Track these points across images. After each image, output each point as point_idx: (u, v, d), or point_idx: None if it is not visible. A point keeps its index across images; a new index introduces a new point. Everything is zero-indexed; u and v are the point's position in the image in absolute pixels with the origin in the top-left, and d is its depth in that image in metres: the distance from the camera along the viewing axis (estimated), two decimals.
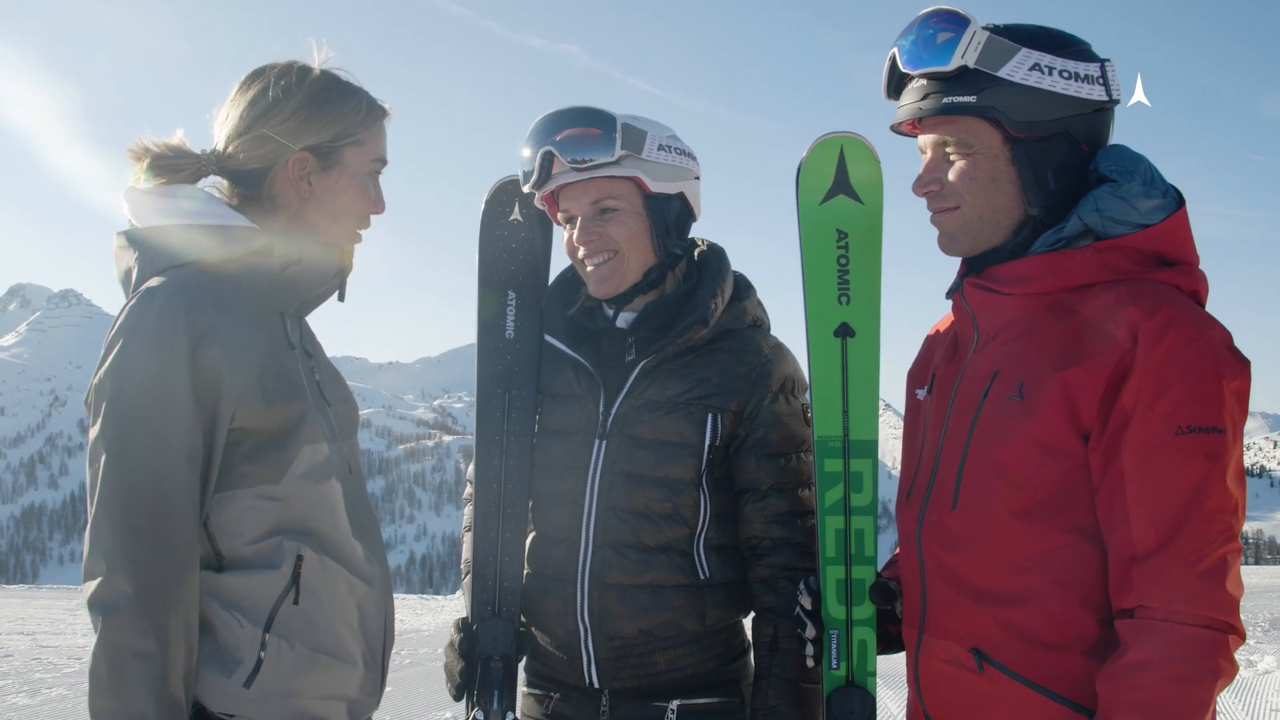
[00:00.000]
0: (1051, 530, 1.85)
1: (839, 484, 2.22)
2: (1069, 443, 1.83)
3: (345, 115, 2.07)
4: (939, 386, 2.11)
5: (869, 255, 2.27)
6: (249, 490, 1.93)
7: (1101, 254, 1.89)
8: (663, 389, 2.42)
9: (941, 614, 2.00)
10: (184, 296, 1.88)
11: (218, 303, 1.91)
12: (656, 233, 2.44)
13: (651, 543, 2.38)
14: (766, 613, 2.41)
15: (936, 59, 1.93)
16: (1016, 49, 1.90)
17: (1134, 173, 1.91)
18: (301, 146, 2.04)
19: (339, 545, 2.04)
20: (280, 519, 1.95)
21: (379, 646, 2.14)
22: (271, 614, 1.92)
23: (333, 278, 2.15)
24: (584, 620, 2.40)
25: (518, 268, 2.61)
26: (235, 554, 1.93)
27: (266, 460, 1.94)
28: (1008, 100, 1.90)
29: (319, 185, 2.07)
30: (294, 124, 2.03)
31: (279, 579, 1.94)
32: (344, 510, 2.07)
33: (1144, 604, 1.72)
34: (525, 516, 2.53)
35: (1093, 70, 1.92)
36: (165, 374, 1.82)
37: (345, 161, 2.09)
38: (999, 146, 1.95)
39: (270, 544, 1.94)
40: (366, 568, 2.10)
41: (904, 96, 2.03)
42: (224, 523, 1.92)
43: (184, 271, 1.94)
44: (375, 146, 2.14)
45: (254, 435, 1.93)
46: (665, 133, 2.43)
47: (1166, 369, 1.74)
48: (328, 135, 2.05)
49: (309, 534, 1.99)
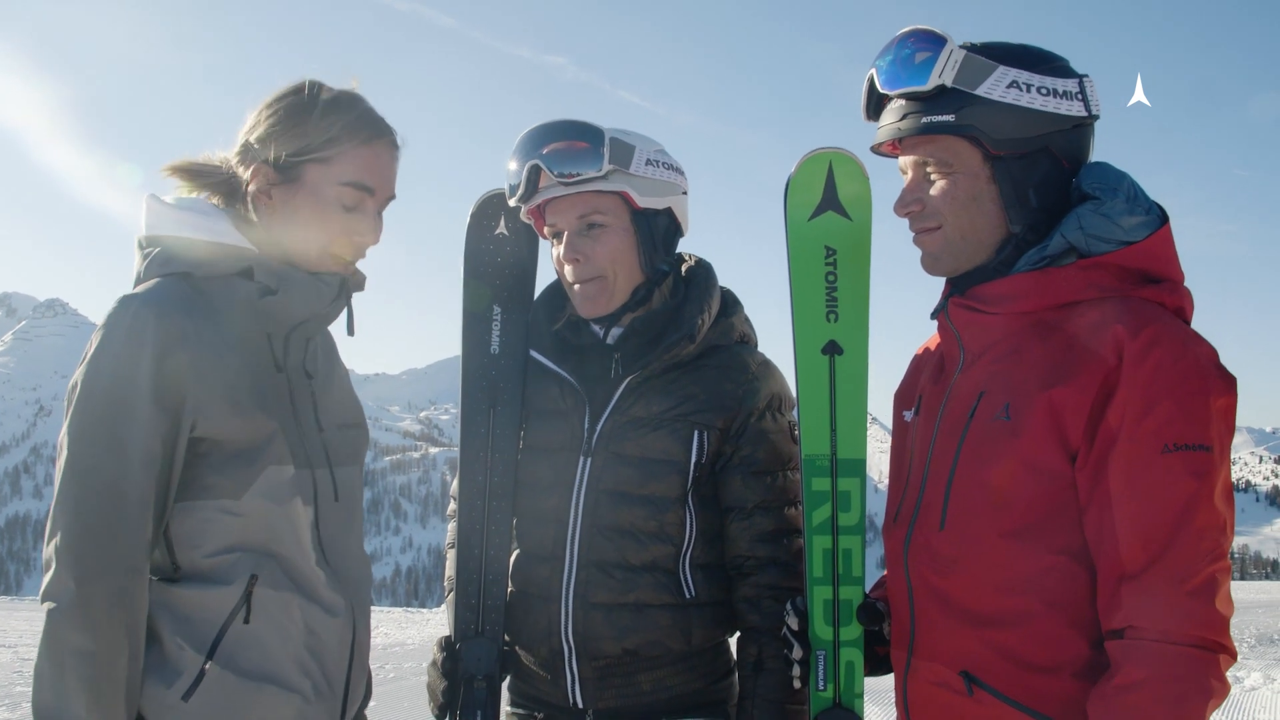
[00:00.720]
0: (1040, 551, 1.83)
1: (826, 503, 2.19)
2: (1057, 463, 1.82)
3: (313, 131, 2.00)
4: (925, 407, 2.09)
5: (857, 272, 2.25)
6: (210, 502, 1.92)
7: (1085, 272, 1.88)
8: (648, 405, 2.40)
9: (930, 636, 1.98)
10: (160, 302, 1.88)
11: (194, 312, 1.90)
12: (644, 249, 2.42)
13: (636, 561, 2.36)
14: (751, 632, 2.39)
15: (914, 79, 1.92)
16: (994, 67, 1.89)
17: (1116, 190, 1.90)
18: (264, 158, 2.01)
19: (299, 570, 2.01)
20: (240, 536, 1.94)
21: (340, 677, 2.08)
22: (220, 630, 1.91)
23: (322, 309, 2.10)
24: (568, 639, 2.37)
25: (503, 282, 2.59)
26: (192, 565, 1.92)
27: (230, 474, 1.92)
28: (986, 118, 1.89)
29: (279, 199, 2.03)
30: (262, 132, 2.01)
31: (230, 596, 1.92)
32: (310, 536, 2.03)
33: (1134, 624, 1.71)
34: (509, 534, 2.50)
35: (1071, 86, 1.91)
36: (129, 376, 1.82)
37: (305, 179, 2.02)
38: (979, 165, 1.94)
39: (227, 559, 1.92)
40: (328, 595, 2.05)
41: (883, 117, 2.02)
42: (184, 532, 1.92)
43: (169, 280, 1.94)
44: (346, 169, 2.02)
45: (220, 447, 1.91)
46: (653, 147, 2.41)
47: (1153, 386, 1.73)
48: (289, 149, 2.00)
49: (268, 555, 1.97)
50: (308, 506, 2.03)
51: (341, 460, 2.14)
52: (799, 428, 2.24)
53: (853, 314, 2.24)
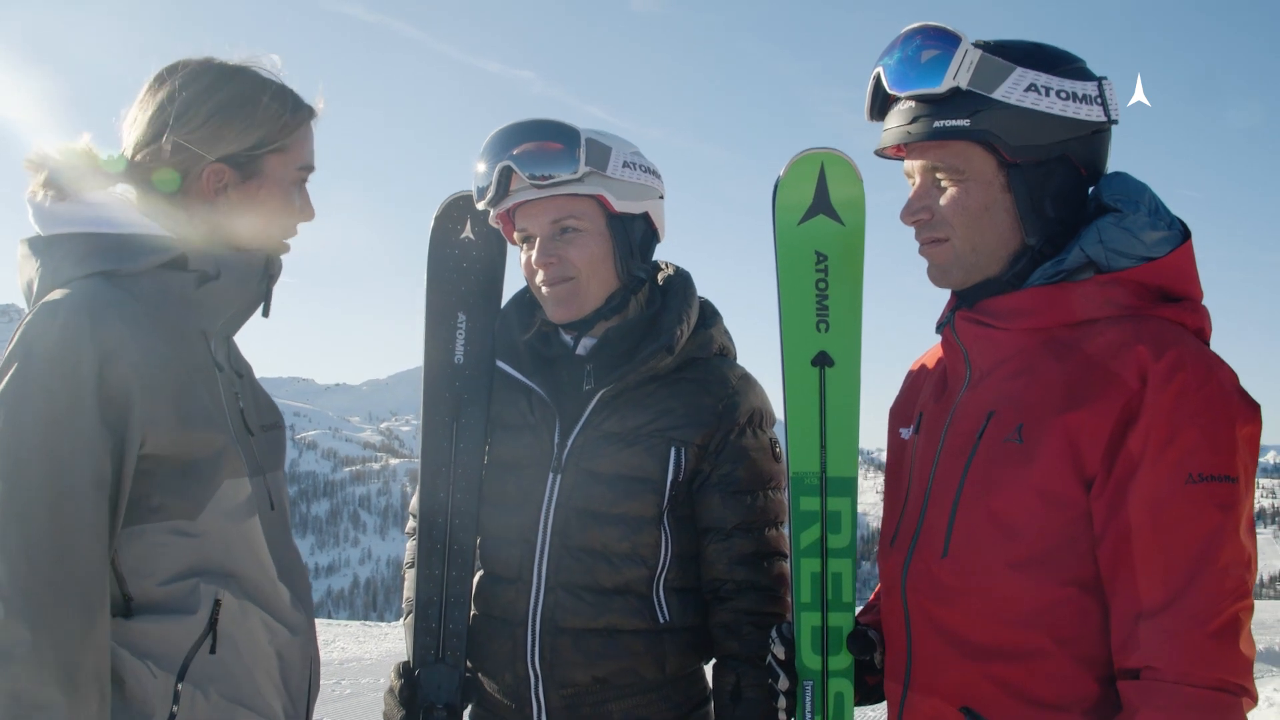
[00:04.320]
0: (1050, 583, 1.72)
1: (815, 524, 2.08)
2: (1071, 491, 1.71)
3: (266, 120, 1.88)
4: (927, 425, 1.97)
5: (849, 279, 2.14)
6: (161, 525, 1.75)
7: (1103, 288, 1.77)
8: (623, 420, 2.29)
9: (929, 669, 1.86)
10: (90, 309, 1.68)
11: (128, 317, 1.72)
12: (620, 255, 2.30)
13: (608, 584, 2.24)
14: (729, 660, 2.28)
15: (926, 80, 1.80)
16: (1011, 68, 1.77)
17: (1138, 202, 1.80)
18: (217, 156, 1.85)
19: (263, 589, 1.87)
20: (197, 558, 1.78)
21: (302, 698, 1.97)
22: (186, 662, 1.75)
23: (257, 292, 1.96)
24: (534, 666, 2.24)
25: (468, 288, 2.46)
26: (146, 596, 1.75)
27: (181, 492, 1.76)
28: (1003, 123, 1.77)
29: (238, 197, 1.89)
30: (208, 131, 1.84)
31: (194, 625, 1.76)
32: (268, 551, 1.89)
33: (1152, 665, 1.60)
34: (473, 554, 2.37)
35: (1090, 90, 1.80)
36: (68, 395, 1.63)
37: (266, 171, 1.91)
38: (993, 172, 1.82)
39: (185, 586, 1.76)
40: (291, 614, 1.93)
41: (890, 119, 1.90)
42: (134, 561, 1.74)
43: (91, 283, 1.74)
44: (300, 152, 1.96)
45: (168, 464, 1.74)
46: (630, 149, 2.30)
47: (1177, 413, 1.63)
48: (247, 143, 1.87)
49: (229, 576, 1.82)
50: (261, 521, 1.90)
51: (271, 465, 2.01)
52: (786, 444, 2.12)
53: (844, 324, 2.13)
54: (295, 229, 2.02)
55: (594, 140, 2.23)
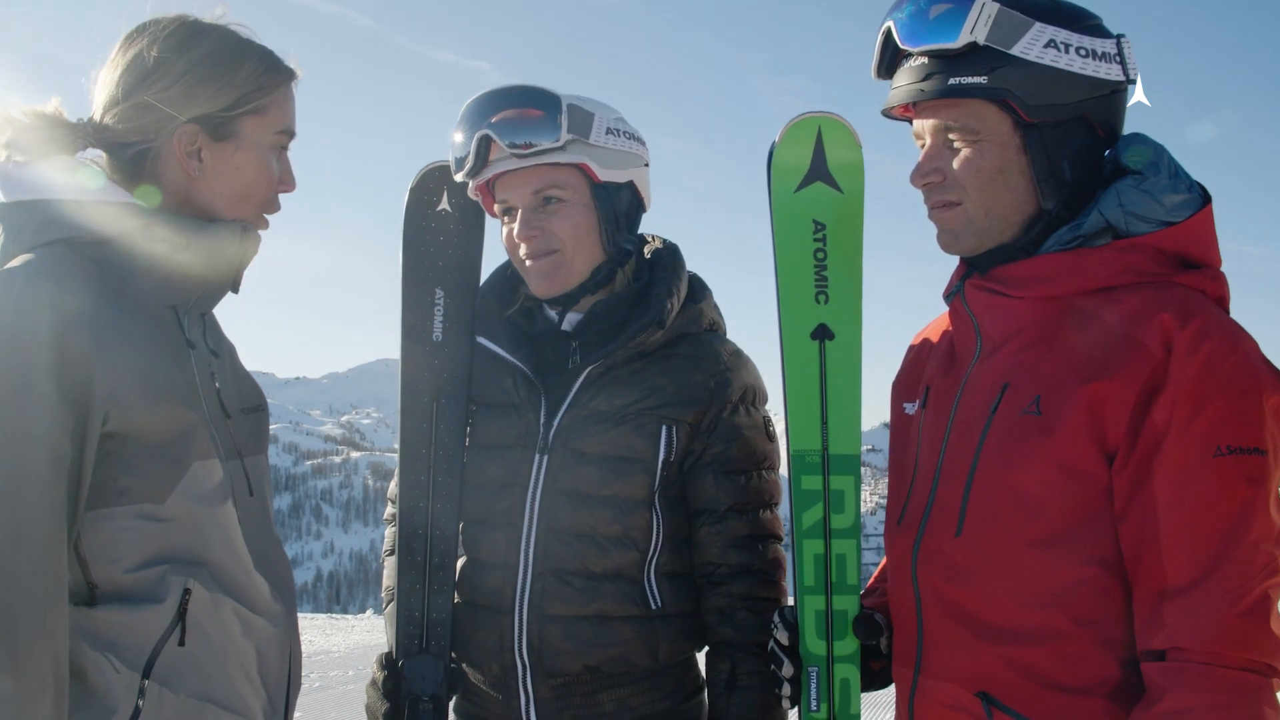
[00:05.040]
0: (1071, 562, 1.65)
1: (818, 504, 1.99)
2: (1093, 465, 1.63)
3: (242, 79, 1.77)
4: (935, 400, 1.89)
5: (849, 249, 2.05)
6: (127, 508, 1.63)
7: (1123, 254, 1.70)
8: (611, 398, 2.19)
9: (942, 653, 1.78)
10: (51, 276, 1.57)
11: (92, 285, 1.61)
12: (605, 226, 2.20)
13: (598, 569, 2.15)
14: (723, 646, 2.20)
15: (942, 34, 1.71)
16: (1030, 23, 1.69)
17: (1158, 165, 1.72)
18: (189, 117, 1.74)
19: (237, 579, 1.75)
20: (165, 544, 1.66)
21: (280, 694, 1.86)
22: (152, 656, 1.63)
23: (232, 267, 1.85)
24: (522, 655, 2.15)
25: (446, 263, 2.34)
26: (111, 584, 1.63)
27: (149, 473, 1.64)
28: (1022, 81, 1.69)
29: (212, 162, 1.78)
30: (180, 90, 1.73)
31: (161, 615, 1.64)
32: (242, 538, 1.78)
33: (1179, 645, 1.53)
34: (455, 540, 2.26)
35: (1109, 47, 1.73)
36: (24, 365, 1.51)
37: (243, 134, 1.79)
38: (1009, 133, 1.74)
39: (152, 574, 1.65)
40: (271, 605, 1.82)
41: (899, 76, 1.81)
42: (98, 546, 1.62)
43: (53, 250, 1.62)
44: (280, 115, 1.84)
45: (134, 442, 1.62)
46: (613, 115, 2.20)
47: (1203, 383, 1.56)
48: (221, 103, 1.75)
49: (200, 564, 1.70)
50: (237, 507, 1.78)
51: (251, 449, 1.89)
52: (786, 420, 2.03)
53: (844, 295, 2.04)
54: (276, 201, 1.90)
55: (576, 106, 2.13)
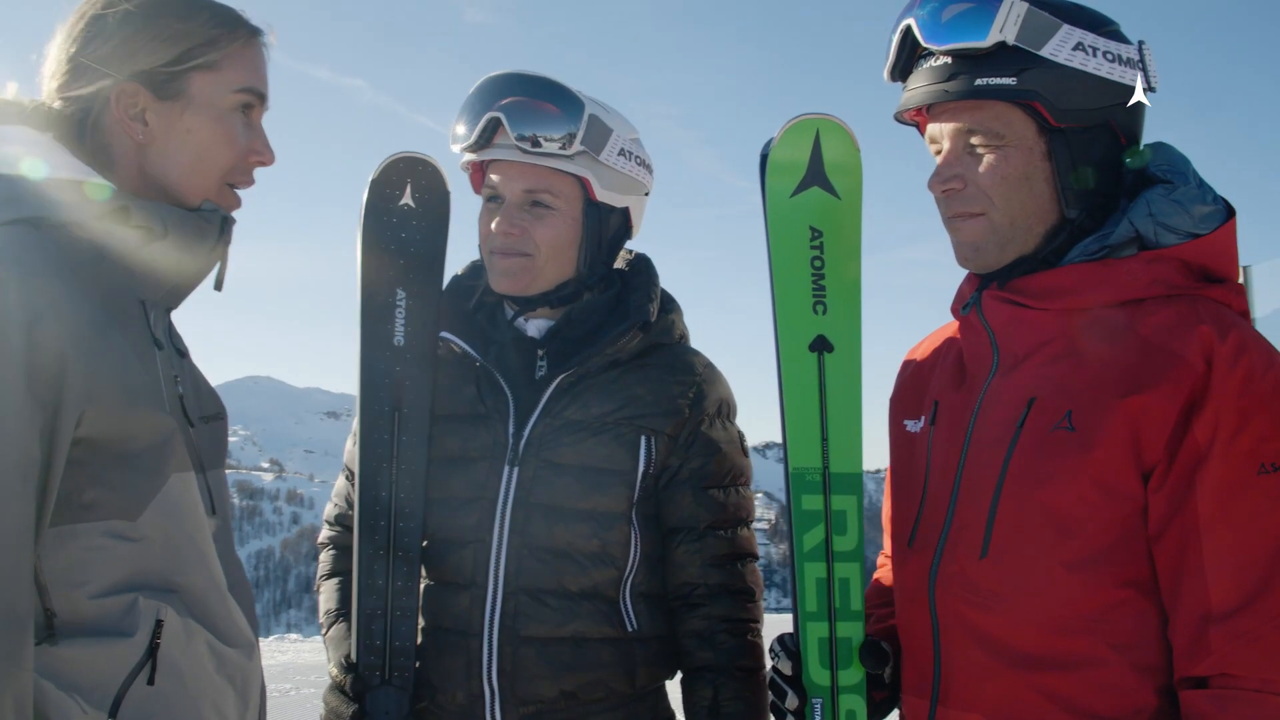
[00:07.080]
0: (1106, 585, 1.58)
1: (819, 525, 1.88)
2: (1129, 483, 1.57)
3: (189, 31, 1.58)
4: (948, 417, 1.81)
5: (847, 257, 1.96)
6: (95, 525, 1.43)
7: (1150, 265, 1.65)
8: (586, 407, 2.07)
9: (964, 681, 1.69)
10: (16, 260, 1.36)
11: (63, 271, 1.40)
12: (587, 245, 2.12)
13: (575, 588, 2.02)
14: (703, 672, 2.08)
15: (970, 33, 1.64)
16: (1058, 24, 1.64)
17: (1186, 174, 1.69)
18: (129, 74, 1.55)
19: (211, 606, 1.56)
20: (136, 567, 1.47)
21: None
22: (119, 696, 1.44)
23: (208, 260, 1.65)
24: (490, 681, 2.00)
25: (408, 262, 2.18)
26: (74, 612, 1.42)
27: (120, 486, 1.45)
28: (1050, 84, 1.63)
29: (158, 124, 1.58)
30: (116, 45, 1.55)
31: (131, 650, 1.45)
32: (218, 561, 1.58)
33: (1228, 671, 1.47)
34: (418, 561, 2.09)
35: (1133, 53, 1.69)
36: None
37: (192, 91, 1.59)
38: (1034, 138, 1.67)
39: (121, 601, 1.45)
40: (243, 634, 1.62)
41: (915, 77, 1.73)
42: (59, 569, 1.41)
43: (15, 230, 1.41)
44: (238, 73, 1.64)
45: (104, 451, 1.43)
46: (630, 135, 2.12)
47: (1245, 398, 1.52)
48: (163, 57, 1.57)
49: (173, 591, 1.51)
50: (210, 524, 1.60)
51: (212, 462, 1.69)
52: (784, 437, 1.92)
53: (843, 305, 1.95)
54: (247, 171, 1.71)
55: (597, 118, 2.05)
